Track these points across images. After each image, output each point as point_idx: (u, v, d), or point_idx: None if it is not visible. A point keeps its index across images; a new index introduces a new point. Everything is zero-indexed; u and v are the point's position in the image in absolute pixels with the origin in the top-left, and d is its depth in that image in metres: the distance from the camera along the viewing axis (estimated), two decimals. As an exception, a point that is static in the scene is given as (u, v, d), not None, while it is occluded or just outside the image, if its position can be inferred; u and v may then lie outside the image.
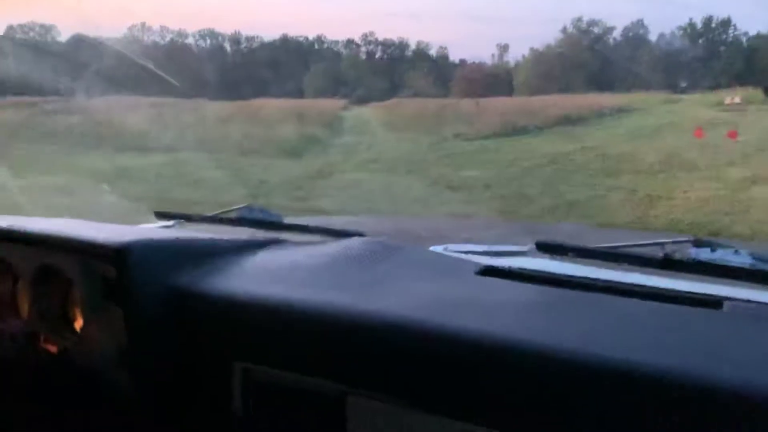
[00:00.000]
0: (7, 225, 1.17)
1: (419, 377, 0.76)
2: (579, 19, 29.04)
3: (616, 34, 31.55)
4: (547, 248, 0.96)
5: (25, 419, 1.20)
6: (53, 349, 1.13)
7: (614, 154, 10.50)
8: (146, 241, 0.97)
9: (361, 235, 1.12)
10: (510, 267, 0.97)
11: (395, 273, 0.95)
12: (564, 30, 28.56)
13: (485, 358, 0.72)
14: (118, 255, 0.92)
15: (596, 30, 30.26)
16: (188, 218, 1.27)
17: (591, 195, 8.09)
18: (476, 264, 0.98)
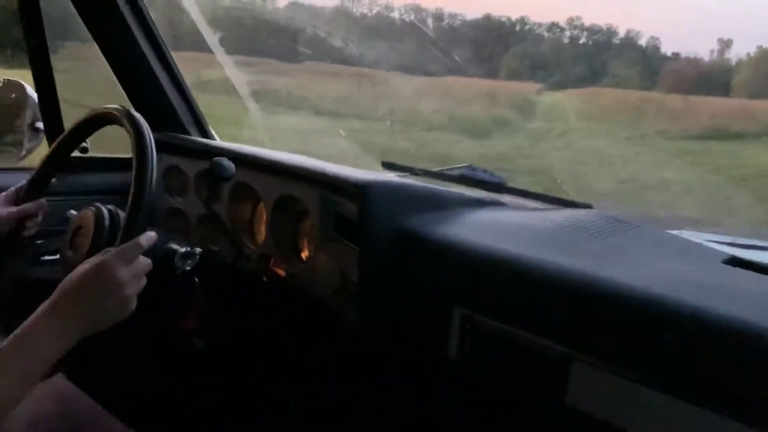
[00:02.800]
0: (256, 154, 1.30)
1: (656, 354, 0.72)
2: (822, 17, 25.31)
3: None
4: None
5: (246, 330, 1.33)
6: (281, 272, 1.24)
7: None
8: (385, 182, 1.02)
9: (589, 207, 1.08)
10: (761, 261, 0.88)
11: (630, 248, 0.91)
12: (801, 28, 25.09)
13: (736, 344, 0.67)
14: (361, 191, 0.98)
15: (842, 30, 26.10)
16: (413, 171, 1.31)
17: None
18: (721, 253, 0.91)
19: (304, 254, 1.23)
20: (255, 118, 2.09)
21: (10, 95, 1.46)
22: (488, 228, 0.99)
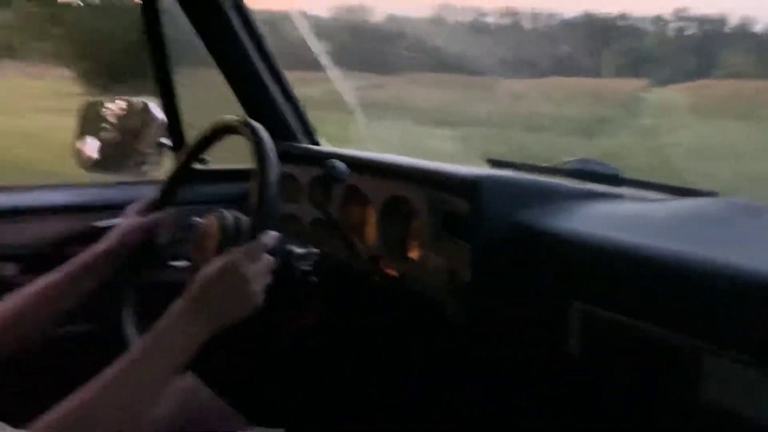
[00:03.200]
0: (365, 157, 1.33)
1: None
2: None
3: None
4: None
5: (360, 329, 1.36)
6: (392, 272, 1.26)
7: None
8: (496, 176, 1.02)
9: (714, 195, 1.02)
10: None
11: (763, 234, 0.85)
12: None
13: None
14: (472, 187, 0.98)
15: None
16: (520, 167, 1.30)
17: None
18: None
19: (414, 254, 1.24)
20: (356, 130, 2.14)
21: (141, 115, 1.59)
22: (606, 219, 0.96)
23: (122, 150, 1.60)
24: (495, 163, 1.34)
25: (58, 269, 1.10)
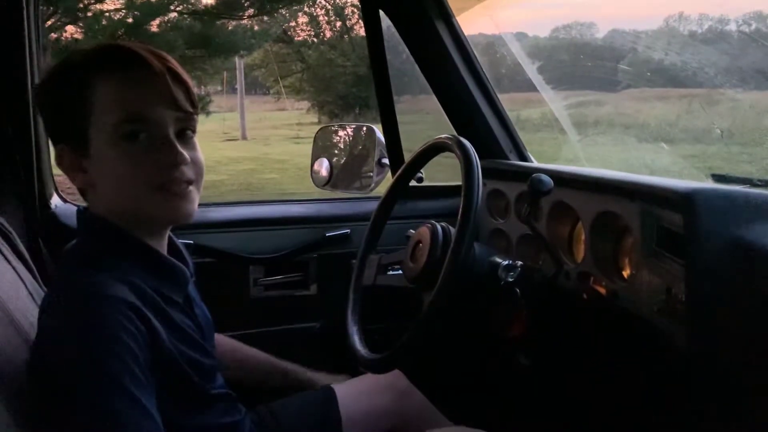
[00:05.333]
0: (573, 172, 1.33)
1: None
2: None
3: None
4: None
5: (569, 348, 1.34)
6: (602, 290, 1.23)
7: None
8: (714, 189, 0.95)
9: None
10: None
11: None
12: None
13: None
14: (687, 200, 0.94)
15: None
16: (751, 183, 1.19)
17: None
18: None
19: (626, 272, 1.20)
20: (574, 150, 2.11)
21: (366, 138, 1.76)
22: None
23: (350, 170, 1.79)
24: (719, 178, 1.24)
25: None
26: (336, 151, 1.83)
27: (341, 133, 1.87)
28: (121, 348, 0.77)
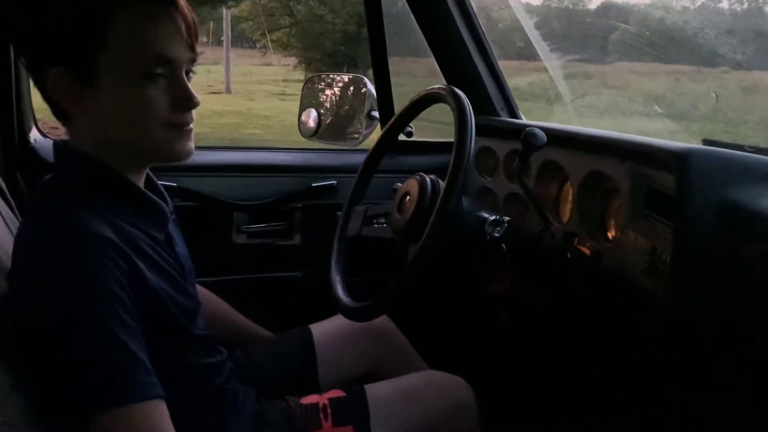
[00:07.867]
0: (565, 130, 1.31)
1: None
2: None
3: None
4: None
5: (550, 307, 1.35)
6: (586, 250, 1.23)
7: None
8: (707, 150, 0.95)
9: None
10: None
11: None
12: None
13: None
14: (680, 160, 0.93)
15: None
16: (741, 148, 1.18)
17: None
18: None
19: (611, 233, 1.20)
20: (564, 119, 2.10)
21: (355, 88, 1.73)
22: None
23: (338, 121, 1.76)
24: (711, 143, 1.24)
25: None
26: (325, 102, 1.80)
27: (331, 83, 1.83)
28: (107, 291, 0.76)
